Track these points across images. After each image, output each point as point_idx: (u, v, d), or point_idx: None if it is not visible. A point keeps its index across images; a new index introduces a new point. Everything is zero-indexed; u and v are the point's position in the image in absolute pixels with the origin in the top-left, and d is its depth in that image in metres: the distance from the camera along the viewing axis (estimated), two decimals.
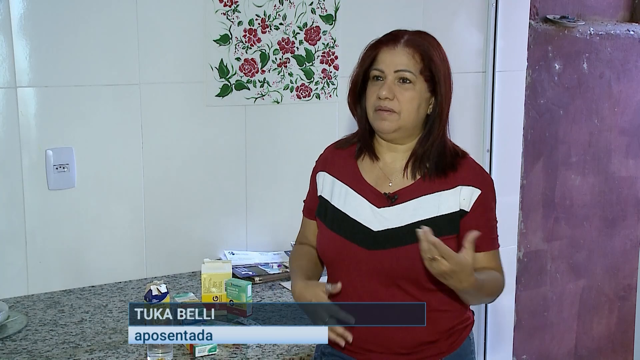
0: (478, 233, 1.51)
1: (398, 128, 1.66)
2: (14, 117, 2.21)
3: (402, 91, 1.64)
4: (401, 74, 1.64)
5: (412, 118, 1.65)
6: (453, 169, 1.67)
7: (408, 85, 1.64)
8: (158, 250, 2.47)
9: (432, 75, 1.65)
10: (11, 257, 2.26)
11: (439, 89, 1.66)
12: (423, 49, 1.65)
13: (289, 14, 2.57)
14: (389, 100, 1.63)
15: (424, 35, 1.69)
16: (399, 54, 1.64)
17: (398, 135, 1.68)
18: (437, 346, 1.68)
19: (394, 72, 1.64)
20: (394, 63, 1.64)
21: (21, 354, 1.87)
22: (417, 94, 1.64)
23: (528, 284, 3.40)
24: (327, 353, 1.77)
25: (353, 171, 1.74)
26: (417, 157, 1.68)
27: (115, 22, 2.31)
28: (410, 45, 1.65)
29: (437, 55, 1.66)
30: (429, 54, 1.65)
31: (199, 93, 2.48)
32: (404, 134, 1.68)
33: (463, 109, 2.98)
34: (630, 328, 3.54)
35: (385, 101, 1.63)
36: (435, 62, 1.65)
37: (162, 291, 1.92)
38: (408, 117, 1.65)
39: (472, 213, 1.65)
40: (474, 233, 1.50)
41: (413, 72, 1.64)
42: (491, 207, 1.69)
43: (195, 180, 2.51)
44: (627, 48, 3.48)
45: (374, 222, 1.67)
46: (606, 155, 3.52)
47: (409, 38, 1.66)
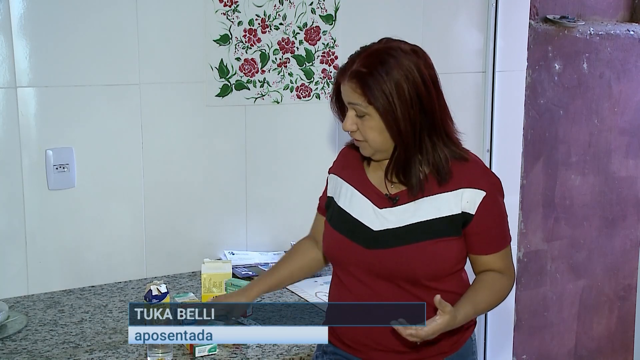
0: (439, 298, 1.53)
1: (374, 152, 1.67)
2: (14, 117, 2.21)
3: (361, 122, 1.63)
4: (353, 107, 1.62)
5: (380, 142, 1.63)
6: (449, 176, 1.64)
7: (364, 117, 1.62)
8: (158, 250, 2.47)
9: (378, 104, 1.58)
10: (11, 257, 2.26)
11: (386, 116, 1.58)
12: (364, 81, 1.58)
13: (289, 14, 2.57)
14: (354, 132, 1.64)
15: (375, 59, 1.59)
16: (346, 88, 1.62)
17: (381, 156, 1.68)
18: (438, 346, 1.68)
19: (348, 104, 1.63)
20: (346, 96, 1.63)
21: (21, 354, 1.87)
22: (374, 123, 1.61)
23: (528, 284, 3.40)
24: (328, 352, 1.78)
25: (359, 173, 1.75)
26: (391, 172, 1.66)
27: (115, 22, 2.31)
28: (353, 77, 1.60)
29: (380, 84, 1.57)
30: (367, 87, 1.57)
31: (199, 93, 2.48)
32: (386, 155, 1.67)
33: (463, 109, 2.97)
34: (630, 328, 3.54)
35: (351, 133, 1.65)
36: (378, 92, 1.57)
37: (162, 291, 1.92)
38: (375, 144, 1.64)
39: (478, 216, 1.64)
40: (437, 297, 1.52)
41: (361, 105, 1.60)
42: (498, 208, 1.68)
43: (195, 180, 2.51)
44: (627, 48, 3.48)
45: (375, 222, 1.68)
46: (606, 155, 3.52)
47: (354, 69, 1.60)
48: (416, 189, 1.64)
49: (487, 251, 1.67)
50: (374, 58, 1.60)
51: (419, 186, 1.64)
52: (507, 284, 1.70)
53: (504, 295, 1.70)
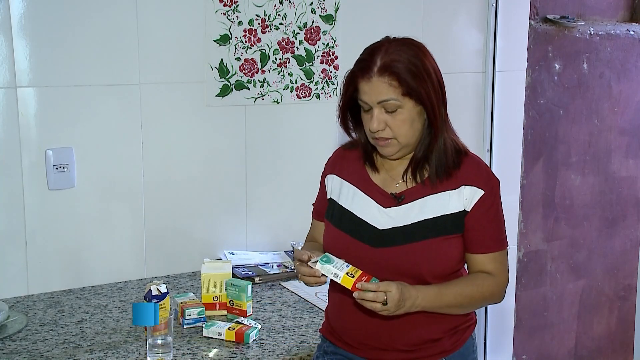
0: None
1: (401, 149, 1.66)
2: (14, 117, 2.21)
3: (391, 118, 1.61)
4: (384, 104, 1.60)
5: (410, 136, 1.64)
6: (457, 167, 1.66)
7: (396, 111, 1.61)
8: (158, 250, 2.47)
9: (415, 92, 1.59)
10: (11, 257, 2.26)
11: (426, 101, 1.61)
12: (398, 72, 1.58)
13: (289, 14, 2.57)
14: (381, 131, 1.62)
15: (397, 51, 1.60)
16: (376, 85, 1.59)
17: (403, 152, 1.68)
18: (439, 345, 1.68)
19: (377, 103, 1.61)
20: (375, 95, 1.60)
21: (21, 354, 1.87)
22: (407, 114, 1.61)
23: (528, 284, 3.40)
24: (329, 352, 1.78)
25: (361, 173, 1.75)
26: (416, 162, 1.68)
27: (115, 22, 2.31)
28: (385, 71, 1.58)
29: (414, 69, 1.59)
30: (404, 76, 1.58)
31: (199, 93, 2.48)
32: (408, 150, 1.68)
33: (463, 109, 2.98)
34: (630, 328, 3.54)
35: (378, 133, 1.63)
36: (415, 80, 1.59)
37: (162, 291, 1.93)
38: (405, 138, 1.64)
39: (474, 213, 1.65)
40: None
41: (396, 99, 1.59)
42: (495, 209, 1.67)
43: (195, 180, 2.51)
44: (627, 48, 3.48)
45: (380, 220, 1.68)
46: (606, 155, 3.53)
47: (381, 64, 1.59)
48: (440, 172, 1.65)
49: (479, 250, 1.66)
50: (398, 49, 1.60)
51: (442, 169, 1.65)
52: (492, 285, 1.67)
53: (486, 295, 1.67)
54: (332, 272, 1.57)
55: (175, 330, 1.97)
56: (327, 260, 1.59)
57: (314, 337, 1.97)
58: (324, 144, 2.66)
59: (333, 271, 1.57)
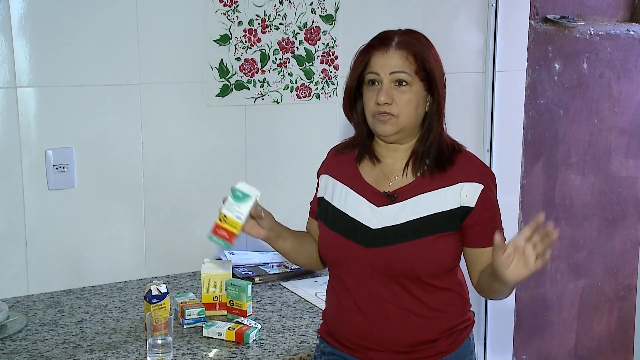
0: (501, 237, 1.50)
1: (399, 130, 1.66)
2: (14, 117, 2.21)
3: (399, 94, 1.64)
4: (397, 75, 1.63)
5: (411, 119, 1.66)
6: (451, 164, 1.67)
7: (405, 87, 1.64)
8: (158, 250, 2.47)
9: (427, 74, 1.65)
10: (11, 257, 2.26)
11: (435, 86, 1.66)
12: (415, 49, 1.65)
13: (289, 14, 2.57)
14: (388, 105, 1.63)
15: (414, 35, 1.68)
16: (392, 56, 1.64)
17: (399, 136, 1.68)
18: (436, 345, 1.68)
19: (390, 74, 1.64)
20: (388, 66, 1.64)
21: (21, 354, 1.87)
22: (414, 95, 1.65)
23: (528, 284, 3.40)
24: (327, 352, 1.77)
25: (354, 173, 1.75)
26: (417, 155, 1.69)
27: (115, 22, 2.31)
28: (403, 46, 1.64)
29: (430, 54, 1.66)
30: (422, 54, 1.65)
31: (199, 93, 2.48)
32: (405, 134, 1.69)
33: (463, 109, 2.98)
34: (630, 328, 3.54)
35: (384, 106, 1.64)
36: (429, 61, 1.65)
37: (162, 291, 1.93)
38: (407, 119, 1.65)
39: (478, 208, 1.64)
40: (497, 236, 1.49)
41: (409, 73, 1.64)
42: (494, 200, 1.69)
43: (195, 180, 2.51)
44: (627, 48, 3.48)
45: (373, 220, 1.67)
46: (606, 155, 3.53)
47: (400, 40, 1.65)
48: (440, 163, 1.66)
49: (486, 244, 1.65)
50: (415, 34, 1.68)
51: (440, 160, 1.66)
52: None
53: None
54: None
55: (175, 330, 1.97)
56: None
57: (314, 337, 1.97)
58: (324, 144, 2.63)
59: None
